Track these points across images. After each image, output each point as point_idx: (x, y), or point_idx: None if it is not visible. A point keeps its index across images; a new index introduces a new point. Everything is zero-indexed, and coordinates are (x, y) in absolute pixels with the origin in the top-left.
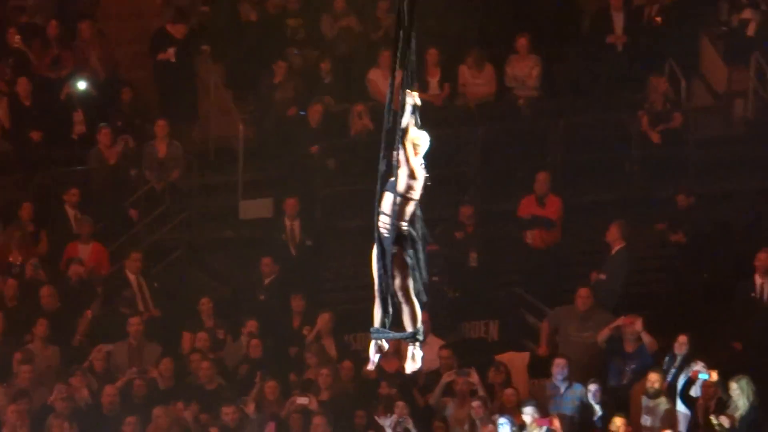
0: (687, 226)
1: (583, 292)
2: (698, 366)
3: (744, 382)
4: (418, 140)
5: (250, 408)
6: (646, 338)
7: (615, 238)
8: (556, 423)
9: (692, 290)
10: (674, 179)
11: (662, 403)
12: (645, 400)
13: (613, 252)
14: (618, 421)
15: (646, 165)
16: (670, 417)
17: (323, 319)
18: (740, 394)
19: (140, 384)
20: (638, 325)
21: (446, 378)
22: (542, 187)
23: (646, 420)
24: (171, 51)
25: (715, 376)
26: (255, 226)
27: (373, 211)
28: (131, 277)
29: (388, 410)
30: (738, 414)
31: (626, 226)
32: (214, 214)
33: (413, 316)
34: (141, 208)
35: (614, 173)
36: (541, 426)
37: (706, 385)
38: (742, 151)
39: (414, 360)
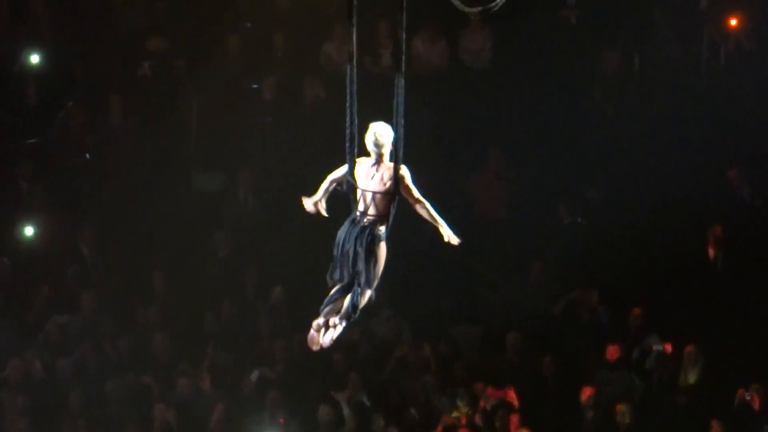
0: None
1: (536, 264)
2: (653, 338)
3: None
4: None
5: (205, 381)
6: (602, 311)
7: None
8: (512, 393)
9: (647, 263)
10: (629, 153)
11: (619, 373)
12: (603, 372)
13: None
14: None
15: (600, 139)
16: (626, 386)
17: (277, 293)
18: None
19: (94, 357)
20: (593, 298)
21: (399, 351)
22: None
23: (605, 389)
24: (123, 25)
25: (669, 348)
26: (208, 199)
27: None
28: (84, 250)
29: (341, 384)
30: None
31: (579, 201)
32: (167, 187)
33: (356, 303)
34: (94, 181)
35: (569, 147)
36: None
37: (660, 357)
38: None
39: (330, 337)
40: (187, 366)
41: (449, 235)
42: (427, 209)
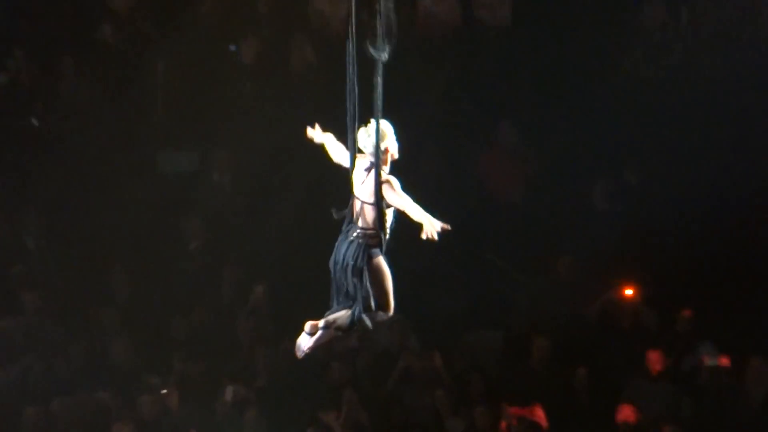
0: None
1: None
2: (706, 348)
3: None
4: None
5: (173, 398)
6: (645, 313)
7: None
8: (539, 412)
9: (698, 256)
10: (675, 127)
11: (664, 388)
12: (643, 385)
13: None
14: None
15: (640, 109)
16: (673, 404)
17: (258, 293)
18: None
19: (39, 369)
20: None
21: (404, 361)
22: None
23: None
24: None
25: (725, 361)
26: (177, 182)
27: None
28: (29, 242)
29: (334, 402)
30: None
31: (615, 183)
32: (129, 167)
33: (355, 321)
34: (41, 159)
35: (603, 119)
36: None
37: (714, 370)
38: None
39: (311, 342)
40: (151, 380)
41: (429, 231)
42: (409, 214)
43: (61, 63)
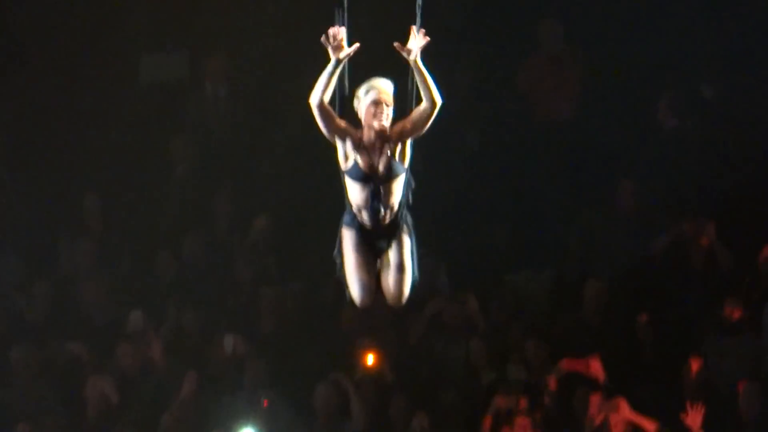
0: None
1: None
2: None
3: None
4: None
5: (156, 350)
6: (721, 252)
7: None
8: (596, 365)
9: None
10: (760, 29)
11: (741, 340)
12: (717, 336)
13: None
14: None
15: (715, 6)
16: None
17: (260, 225)
18: None
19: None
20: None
21: (433, 306)
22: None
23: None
24: None
25: None
26: (162, 92)
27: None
28: None
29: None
30: None
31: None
32: (106, 75)
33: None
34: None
35: (670, 19)
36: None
37: None
38: None
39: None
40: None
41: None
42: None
43: None
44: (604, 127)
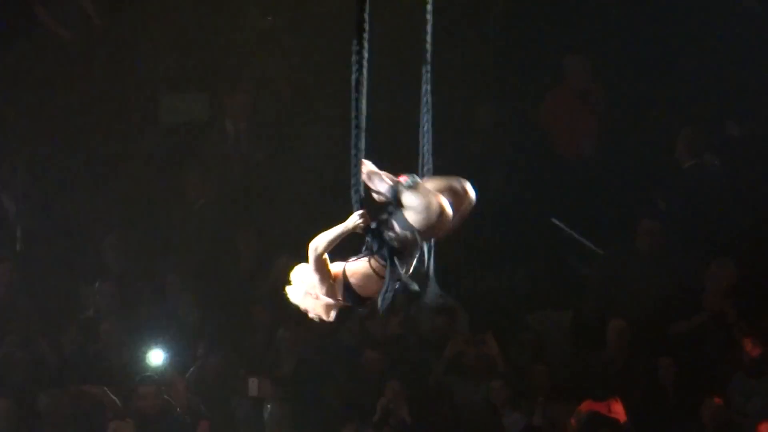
0: None
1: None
2: None
3: None
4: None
5: (179, 392)
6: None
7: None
8: (618, 407)
9: None
10: None
11: (762, 381)
12: (741, 378)
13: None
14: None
15: (742, 44)
16: None
17: (281, 264)
18: None
19: (18, 358)
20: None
21: (453, 348)
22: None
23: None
24: None
25: None
26: (183, 132)
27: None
28: (6, 203)
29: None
30: None
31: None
32: (126, 113)
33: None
34: (19, 107)
35: (694, 56)
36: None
37: None
38: None
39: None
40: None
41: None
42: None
43: None
44: (626, 165)
